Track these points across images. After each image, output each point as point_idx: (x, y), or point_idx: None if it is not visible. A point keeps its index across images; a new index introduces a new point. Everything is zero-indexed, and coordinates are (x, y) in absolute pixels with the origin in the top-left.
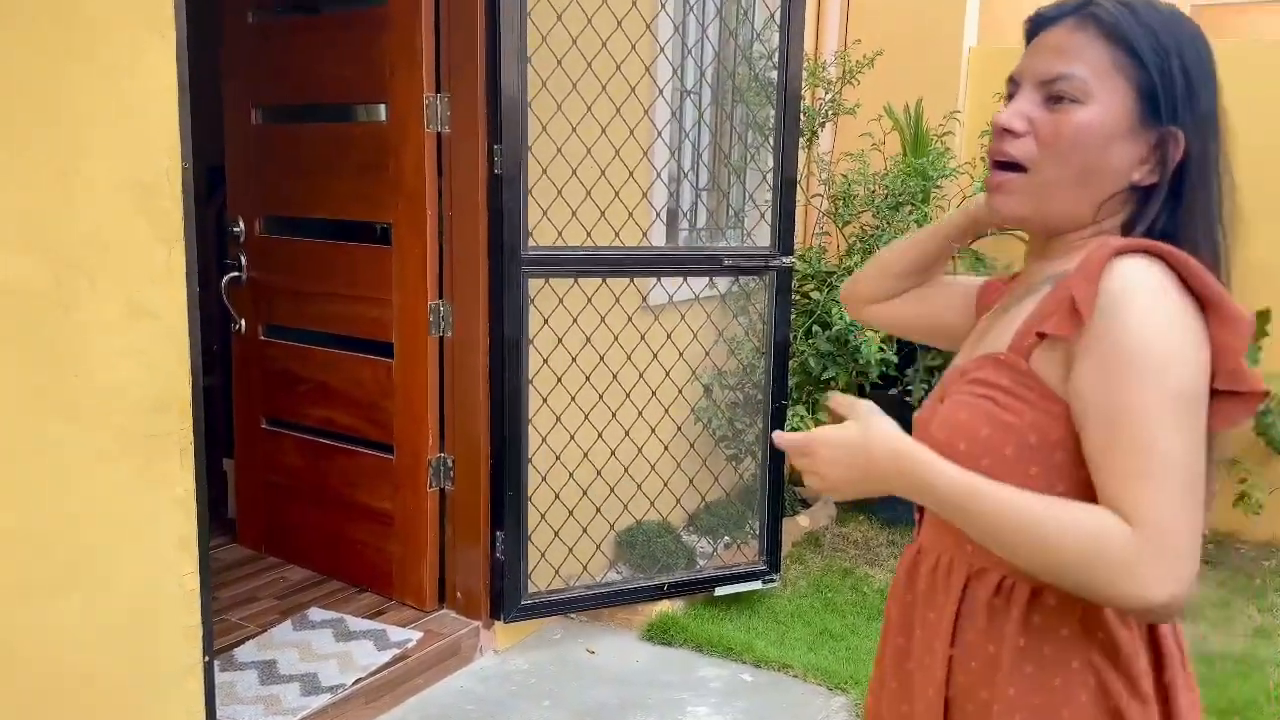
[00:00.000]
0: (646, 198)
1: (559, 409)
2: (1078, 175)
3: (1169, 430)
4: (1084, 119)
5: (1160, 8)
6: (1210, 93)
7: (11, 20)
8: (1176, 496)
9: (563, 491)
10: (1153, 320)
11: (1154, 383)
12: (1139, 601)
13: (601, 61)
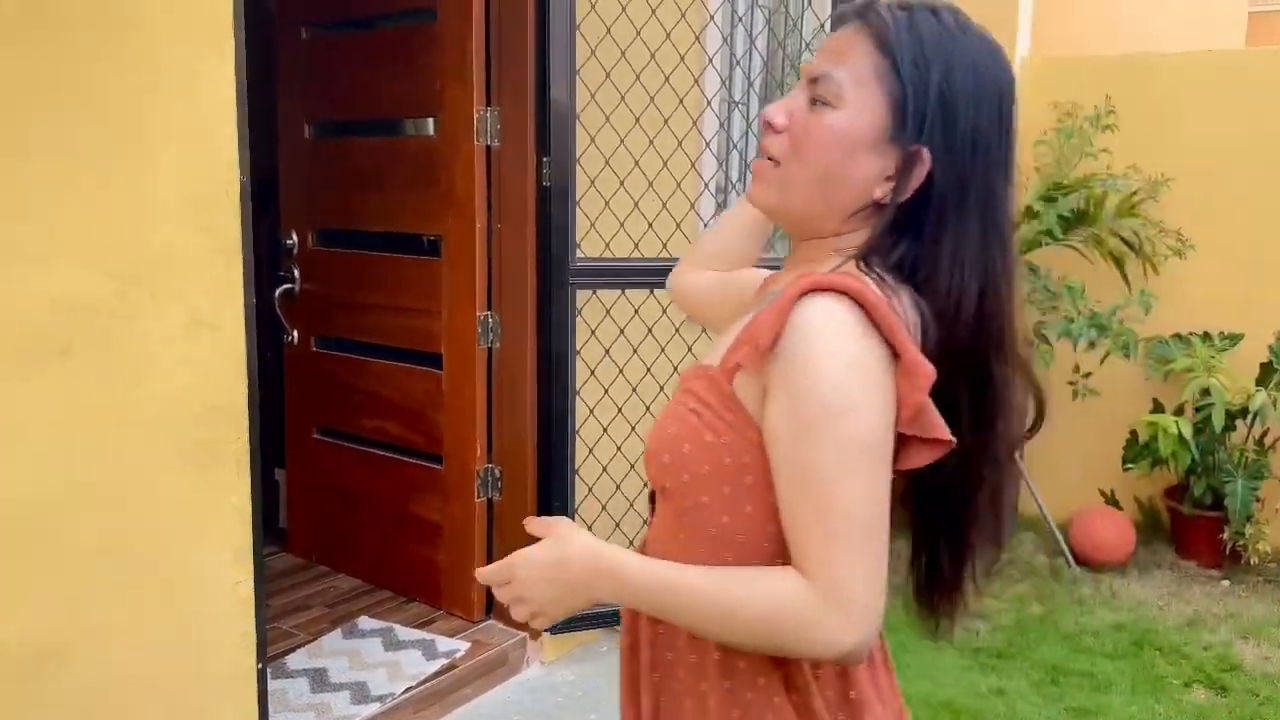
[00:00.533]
0: (694, 209)
1: (606, 420)
2: (819, 178)
3: (848, 482)
4: (831, 122)
5: (945, 22)
6: (977, 119)
7: (78, 36)
8: (854, 548)
9: (609, 503)
10: (831, 367)
11: (831, 434)
12: (828, 653)
13: (649, 73)
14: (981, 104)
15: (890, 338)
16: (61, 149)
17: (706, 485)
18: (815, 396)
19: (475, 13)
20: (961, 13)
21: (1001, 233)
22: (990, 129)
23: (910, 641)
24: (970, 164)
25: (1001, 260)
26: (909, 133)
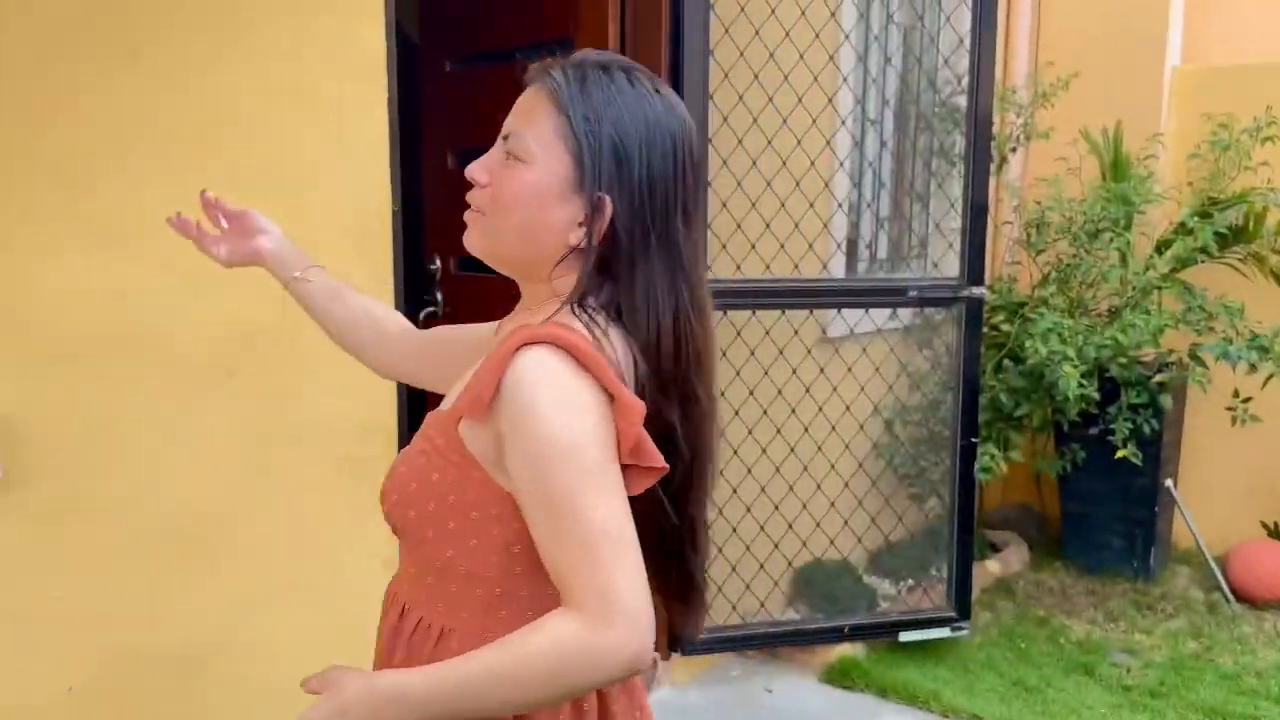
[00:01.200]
0: (827, 228)
1: (736, 442)
2: (518, 228)
3: (593, 506)
4: (522, 178)
5: (616, 80)
6: (650, 166)
7: (237, 73)
8: (612, 561)
9: (740, 525)
10: (551, 412)
11: (567, 469)
12: (617, 665)
13: (782, 94)
14: (653, 152)
15: (601, 380)
16: (227, 182)
17: (432, 521)
18: (545, 440)
19: (610, 42)
20: (636, 69)
21: (684, 266)
22: (665, 174)
23: (1056, 677)
24: (648, 207)
25: (688, 291)
26: (590, 183)
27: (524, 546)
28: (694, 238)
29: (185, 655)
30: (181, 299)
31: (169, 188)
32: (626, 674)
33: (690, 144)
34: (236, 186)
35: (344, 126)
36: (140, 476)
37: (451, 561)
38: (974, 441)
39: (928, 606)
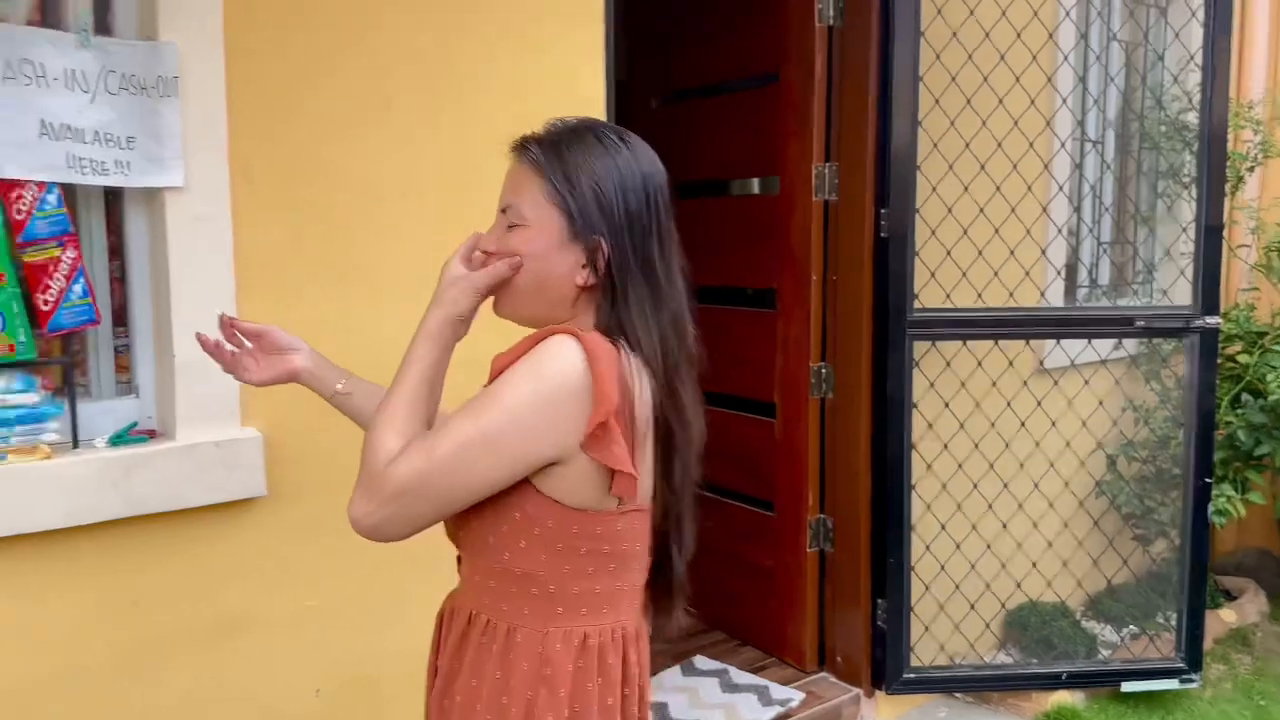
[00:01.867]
0: (1044, 254)
1: (945, 476)
2: (533, 283)
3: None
4: (525, 239)
5: (585, 140)
6: (627, 206)
7: (474, 116)
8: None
9: (948, 563)
10: (529, 371)
11: (494, 406)
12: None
13: (996, 118)
14: (629, 194)
15: (594, 370)
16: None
17: (490, 527)
18: (508, 382)
19: (818, 72)
20: (602, 127)
21: (663, 286)
22: (640, 211)
23: None
24: (630, 241)
25: (668, 307)
26: (582, 229)
27: (566, 544)
28: (668, 261)
29: (420, 663)
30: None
31: (410, 230)
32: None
33: (658, 181)
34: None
35: None
36: None
37: (508, 564)
38: (1208, 482)
39: (1154, 656)
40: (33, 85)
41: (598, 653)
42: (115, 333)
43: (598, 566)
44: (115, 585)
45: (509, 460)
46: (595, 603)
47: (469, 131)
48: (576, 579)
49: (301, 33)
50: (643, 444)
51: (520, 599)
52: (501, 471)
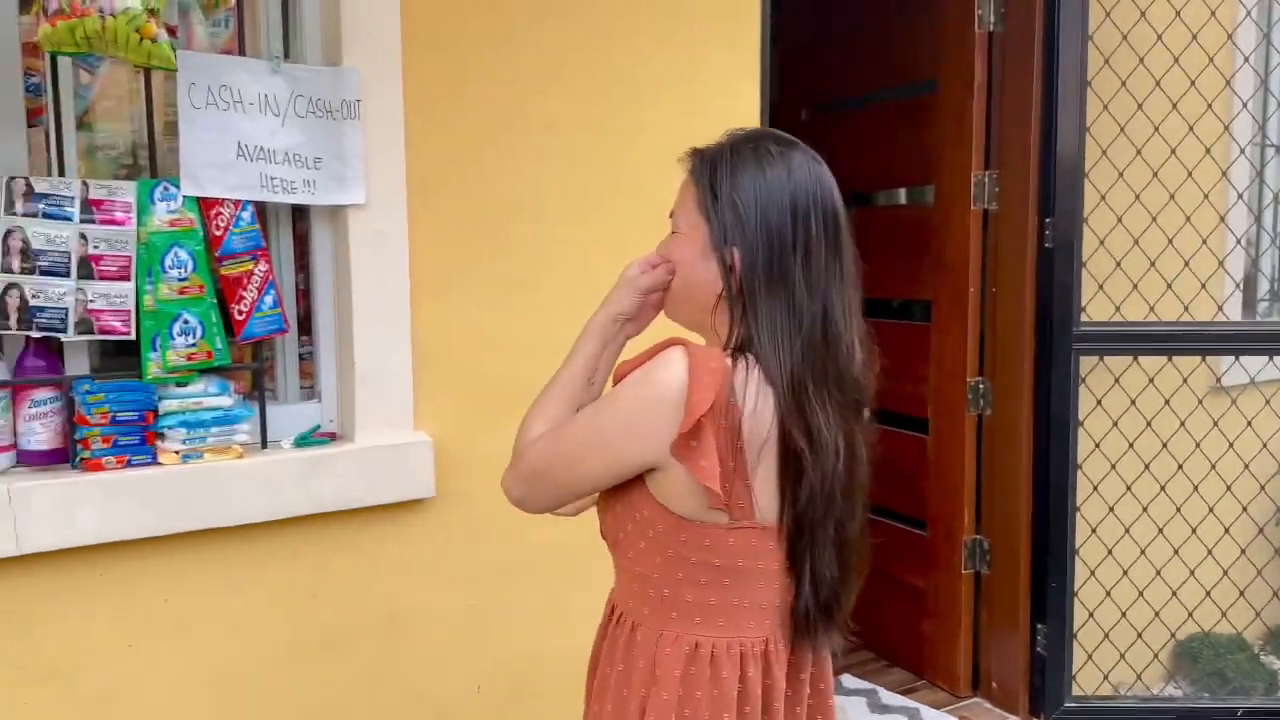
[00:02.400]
0: (1222, 266)
1: (1112, 498)
2: (683, 289)
3: (585, 425)
4: (676, 246)
5: (740, 152)
6: (766, 219)
7: (634, 137)
8: (552, 445)
9: (1114, 589)
10: (639, 375)
11: (611, 406)
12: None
13: (1169, 124)
14: (769, 208)
15: (691, 382)
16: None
17: (623, 525)
18: (620, 387)
19: (977, 78)
20: (767, 139)
21: (797, 305)
22: (782, 226)
23: None
24: (764, 255)
25: (809, 322)
26: (718, 239)
27: (675, 552)
28: (814, 277)
29: (574, 664)
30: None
31: (573, 244)
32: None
33: (815, 196)
34: (624, 246)
35: None
36: None
37: (632, 562)
38: None
39: None
40: (230, 110)
41: (710, 663)
42: (300, 341)
43: (710, 579)
44: (296, 578)
45: (610, 460)
46: (710, 613)
47: (630, 151)
48: (689, 587)
49: (473, 57)
50: (759, 462)
51: (641, 598)
52: (604, 470)
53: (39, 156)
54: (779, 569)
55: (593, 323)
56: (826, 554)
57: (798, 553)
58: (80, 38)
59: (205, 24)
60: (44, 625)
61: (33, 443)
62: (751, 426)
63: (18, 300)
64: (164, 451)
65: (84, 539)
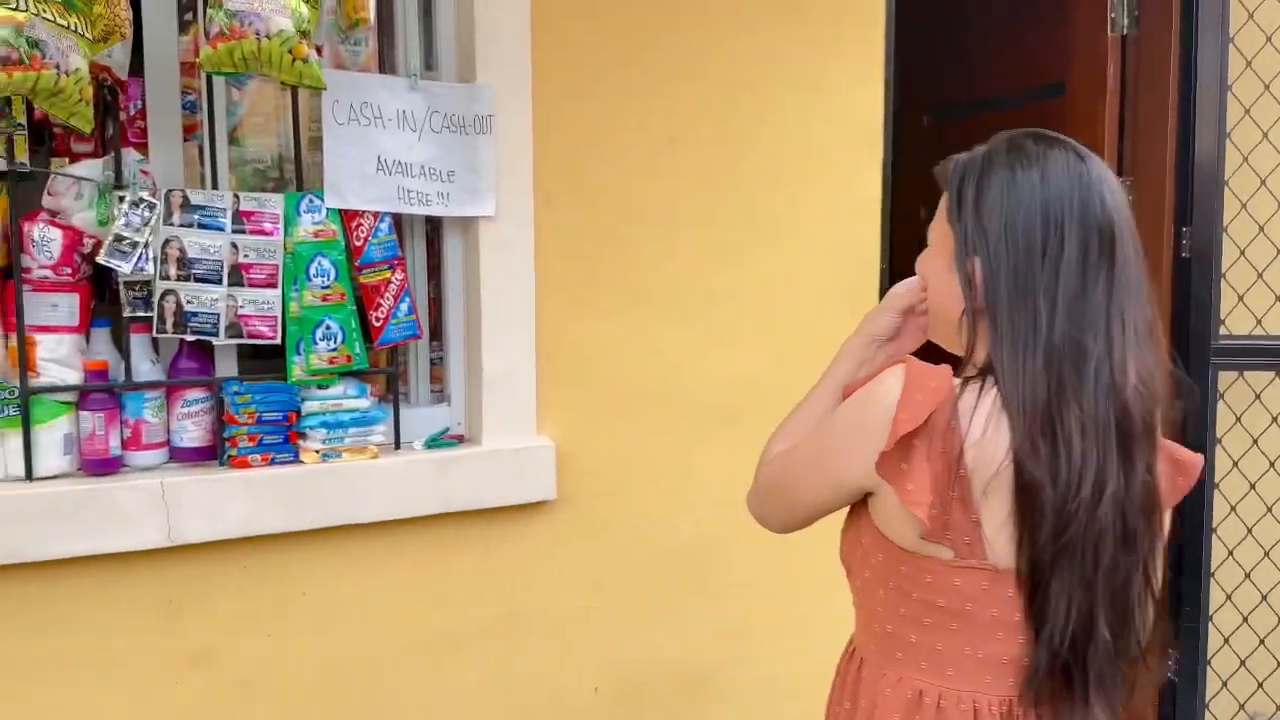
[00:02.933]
0: None
1: (1250, 520)
2: (934, 305)
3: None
4: (926, 261)
5: (994, 157)
6: (1012, 227)
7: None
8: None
9: (1252, 615)
10: (858, 395)
11: (832, 424)
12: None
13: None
14: (1015, 213)
15: (900, 402)
16: (736, 251)
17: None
18: (841, 406)
19: (1109, 82)
20: (1025, 139)
21: (1044, 322)
22: (1031, 235)
23: None
24: (1009, 265)
25: (1060, 343)
26: (960, 250)
27: (896, 584)
28: (1068, 290)
29: (687, 671)
30: (696, 353)
31: (693, 253)
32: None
33: (1069, 200)
34: (742, 255)
35: (843, 189)
36: (664, 505)
37: (860, 592)
38: None
39: None
40: (371, 126)
41: (935, 713)
42: (431, 346)
43: (935, 621)
44: (426, 575)
45: (825, 479)
46: (937, 660)
47: (750, 160)
48: (912, 627)
49: (599, 72)
50: (987, 496)
51: (868, 632)
52: (820, 489)
53: (193, 170)
54: (1012, 617)
55: (848, 344)
56: (1073, 607)
57: (1034, 602)
58: (238, 59)
59: (346, 43)
60: (191, 613)
61: (184, 440)
62: (976, 455)
63: (174, 305)
64: (305, 450)
65: (230, 532)
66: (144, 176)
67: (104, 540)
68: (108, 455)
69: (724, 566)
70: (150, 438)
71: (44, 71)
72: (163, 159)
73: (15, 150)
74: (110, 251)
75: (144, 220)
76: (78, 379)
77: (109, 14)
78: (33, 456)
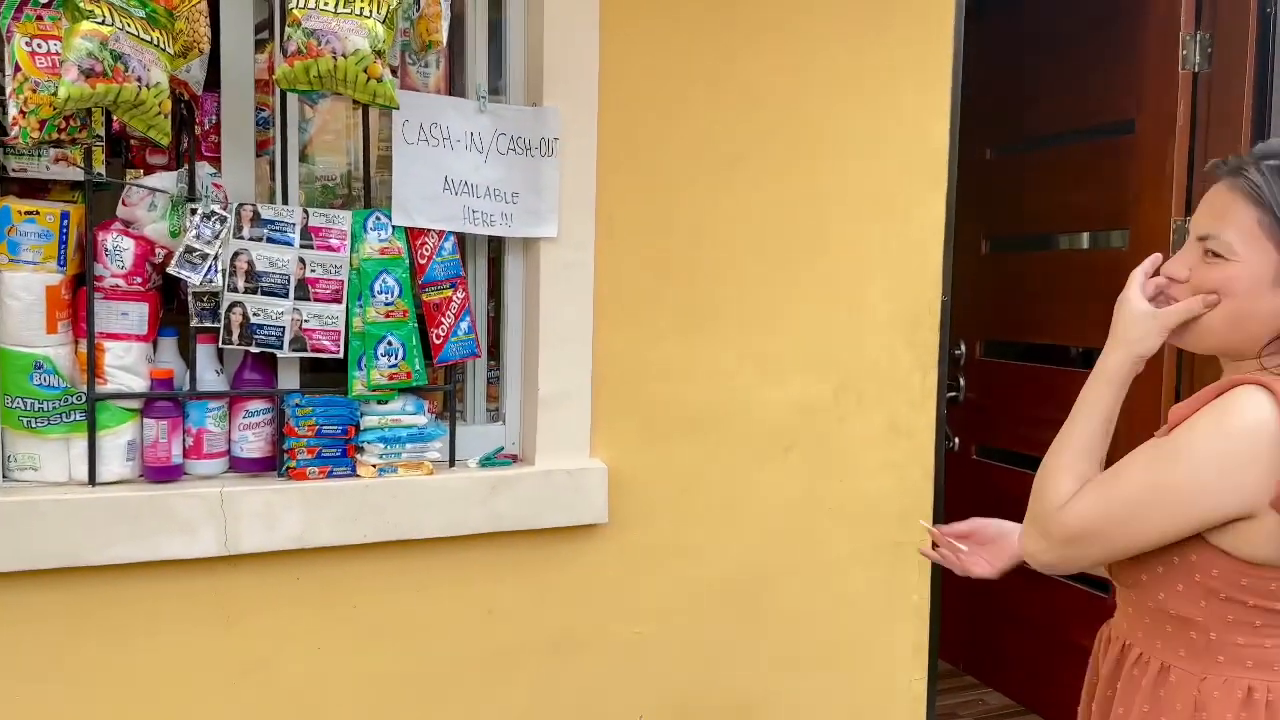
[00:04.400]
0: None
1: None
2: (1228, 321)
3: (1137, 477)
4: (1228, 274)
5: None
6: None
7: (825, 178)
8: (1095, 500)
9: None
10: (1212, 426)
11: (1171, 459)
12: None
13: None
14: None
15: None
16: (799, 280)
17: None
18: (1185, 435)
19: (1179, 120)
20: None
21: None
22: None
23: None
24: None
25: None
26: None
27: (1230, 595)
28: None
29: (735, 700)
30: (753, 380)
31: (751, 279)
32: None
33: None
34: (804, 280)
35: (907, 220)
36: (715, 531)
37: (1163, 604)
38: None
39: None
40: (439, 146)
41: (1265, 709)
42: (488, 365)
43: (1266, 621)
44: (475, 594)
45: (1187, 516)
46: (1266, 658)
47: (813, 189)
48: (1241, 630)
49: (664, 97)
50: None
51: (1176, 640)
52: (1178, 526)
53: (264, 185)
54: None
55: (1108, 367)
56: None
57: None
58: (314, 76)
59: (417, 64)
60: (245, 622)
61: (244, 450)
62: None
63: (240, 317)
64: (362, 465)
65: (285, 544)
66: (216, 190)
67: (163, 546)
68: (169, 463)
69: (775, 595)
70: (211, 447)
71: (126, 84)
72: (235, 173)
73: (93, 160)
74: (180, 262)
75: (214, 233)
76: (144, 387)
77: (189, 30)
78: (96, 462)
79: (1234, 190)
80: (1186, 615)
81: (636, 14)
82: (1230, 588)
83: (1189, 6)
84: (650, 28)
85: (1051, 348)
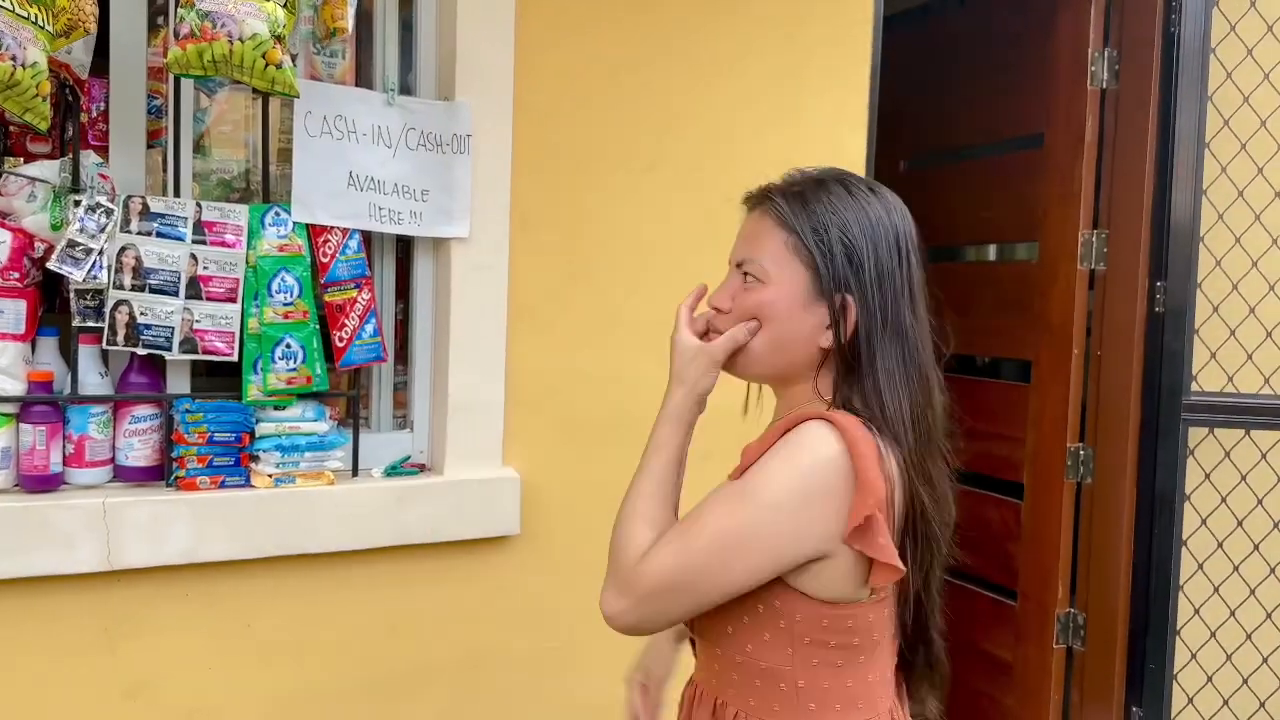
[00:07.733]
0: None
1: (1217, 578)
2: (771, 345)
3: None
4: (765, 297)
5: (832, 191)
6: (878, 262)
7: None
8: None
9: (1217, 674)
10: (782, 465)
11: (742, 503)
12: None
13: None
14: (880, 248)
15: (856, 460)
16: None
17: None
18: (758, 477)
19: (1088, 135)
20: (849, 177)
21: (914, 352)
22: (892, 267)
23: None
24: (878, 300)
25: (918, 374)
26: (829, 286)
27: (814, 638)
28: (919, 324)
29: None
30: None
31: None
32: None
33: (911, 236)
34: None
35: None
36: None
37: (751, 656)
38: None
39: None
40: (344, 140)
41: None
42: (395, 370)
43: (847, 660)
44: (377, 610)
45: (768, 559)
46: (848, 698)
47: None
48: (825, 673)
49: (582, 97)
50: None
51: (768, 694)
52: (761, 572)
53: (155, 177)
54: (894, 634)
55: (672, 408)
56: (934, 611)
57: (922, 615)
58: (208, 61)
59: (322, 54)
60: (128, 642)
61: (130, 458)
62: (895, 494)
63: (126, 316)
64: (257, 474)
65: (173, 558)
66: (103, 181)
67: (38, 561)
68: (48, 471)
69: None
70: (94, 455)
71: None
72: (123, 164)
73: None
74: (62, 257)
75: (100, 226)
76: (20, 389)
77: (72, 8)
78: None
79: (765, 217)
80: (775, 666)
81: (553, 11)
82: (814, 630)
83: (1098, 24)
84: (567, 26)
85: (958, 357)
